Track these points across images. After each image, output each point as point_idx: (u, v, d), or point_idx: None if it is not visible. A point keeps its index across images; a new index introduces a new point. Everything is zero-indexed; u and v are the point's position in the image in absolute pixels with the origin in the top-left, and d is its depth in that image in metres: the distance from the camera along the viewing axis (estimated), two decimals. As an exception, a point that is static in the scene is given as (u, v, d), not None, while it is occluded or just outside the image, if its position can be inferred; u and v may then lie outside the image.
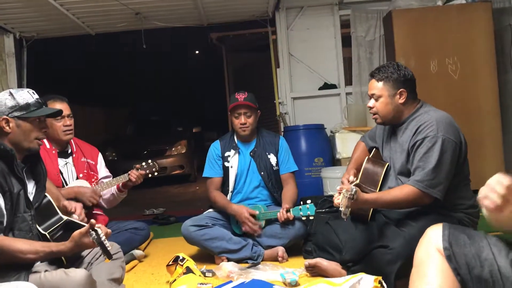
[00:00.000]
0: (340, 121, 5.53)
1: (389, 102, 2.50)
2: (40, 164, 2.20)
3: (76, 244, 1.92)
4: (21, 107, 2.04)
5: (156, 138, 9.25)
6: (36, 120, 2.08)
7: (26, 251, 1.86)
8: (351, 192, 2.13)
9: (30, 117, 2.05)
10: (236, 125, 3.33)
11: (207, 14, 5.58)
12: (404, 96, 2.48)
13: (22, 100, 2.05)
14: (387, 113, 2.52)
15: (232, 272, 2.75)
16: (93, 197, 3.03)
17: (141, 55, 12.39)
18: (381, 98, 2.51)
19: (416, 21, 4.75)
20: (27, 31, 5.70)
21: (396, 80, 2.48)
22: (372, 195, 2.40)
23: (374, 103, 2.54)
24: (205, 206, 3.59)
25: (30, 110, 2.05)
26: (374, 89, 2.53)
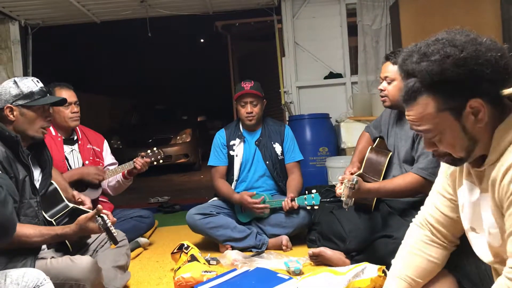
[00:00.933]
0: (345, 110, 5.51)
1: (401, 86, 2.48)
2: (46, 151, 2.21)
3: (81, 228, 1.95)
4: (25, 96, 2.05)
5: (161, 126, 9.27)
6: (40, 109, 2.09)
7: (31, 235, 1.88)
8: (352, 182, 2.14)
9: (34, 106, 2.06)
10: (242, 114, 3.32)
11: (212, 2, 5.55)
12: None
13: (26, 88, 2.06)
14: (398, 97, 2.50)
15: (237, 260, 2.77)
16: (98, 174, 3.04)
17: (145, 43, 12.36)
18: (395, 81, 2.48)
19: (422, 10, 4.70)
20: (32, 18, 5.68)
21: None
22: (375, 184, 2.40)
23: (386, 86, 2.52)
24: (210, 195, 3.61)
25: (34, 98, 2.06)
26: (388, 72, 2.50)
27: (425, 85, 1.24)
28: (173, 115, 10.41)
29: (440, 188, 1.52)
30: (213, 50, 13.20)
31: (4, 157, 1.86)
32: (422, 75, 1.23)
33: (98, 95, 12.22)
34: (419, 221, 1.59)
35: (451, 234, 1.51)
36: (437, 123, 1.25)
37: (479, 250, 1.37)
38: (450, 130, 1.25)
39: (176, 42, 16.09)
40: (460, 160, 1.31)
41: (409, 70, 1.28)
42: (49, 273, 1.78)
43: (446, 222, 1.50)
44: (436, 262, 1.53)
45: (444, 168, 1.51)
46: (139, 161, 3.16)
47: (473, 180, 1.34)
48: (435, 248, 1.53)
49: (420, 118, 1.28)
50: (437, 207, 1.52)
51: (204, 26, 10.53)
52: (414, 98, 1.28)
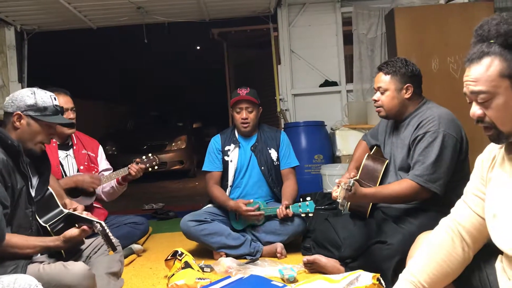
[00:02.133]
0: (340, 118, 5.53)
1: (395, 96, 2.50)
2: (45, 159, 2.21)
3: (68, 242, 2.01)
4: (38, 108, 2.05)
5: (156, 133, 9.26)
6: (47, 125, 2.09)
7: (23, 246, 1.90)
8: (349, 184, 2.14)
9: (43, 121, 2.06)
10: (237, 120, 3.33)
11: (209, 9, 5.57)
12: (410, 91, 2.49)
13: (42, 102, 2.06)
14: (392, 106, 2.52)
15: (231, 267, 2.75)
16: (93, 182, 3.04)
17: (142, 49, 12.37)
18: (388, 91, 2.51)
19: (418, 19, 4.73)
20: (28, 24, 5.68)
21: (403, 74, 2.49)
22: (371, 189, 2.41)
23: (379, 96, 2.54)
24: (204, 202, 3.60)
25: (46, 114, 2.06)
26: (381, 82, 2.53)
27: (497, 47, 1.28)
28: (168, 122, 10.41)
29: (474, 190, 1.51)
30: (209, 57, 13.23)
31: (5, 165, 1.86)
32: (499, 35, 1.28)
33: (93, 101, 12.20)
34: (447, 223, 1.55)
35: (480, 237, 1.48)
36: (494, 86, 1.28)
37: (500, 237, 1.36)
38: (504, 97, 1.28)
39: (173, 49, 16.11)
40: (506, 136, 1.32)
41: (485, 33, 1.31)
42: (42, 279, 1.77)
43: (478, 223, 1.48)
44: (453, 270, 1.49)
45: (478, 173, 1.51)
46: (134, 167, 3.15)
47: (505, 168, 1.36)
48: (456, 255, 1.49)
49: (479, 78, 1.30)
50: (471, 207, 1.50)
51: (200, 33, 10.55)
52: (479, 57, 1.31)
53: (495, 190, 1.39)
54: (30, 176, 2.07)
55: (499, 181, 1.38)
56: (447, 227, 1.54)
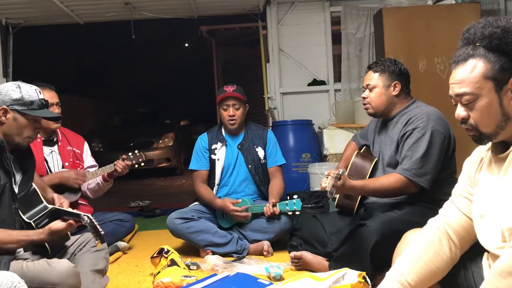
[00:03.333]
0: (328, 117, 5.55)
1: (383, 93, 2.55)
2: (30, 155, 2.18)
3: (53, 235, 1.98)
4: (24, 103, 2.01)
5: (143, 130, 9.21)
6: (33, 119, 2.05)
7: (5, 241, 1.88)
8: (338, 173, 2.17)
9: (29, 115, 2.03)
10: (224, 118, 3.32)
11: (197, 6, 5.54)
12: (398, 88, 2.54)
13: (28, 96, 2.02)
14: (380, 103, 2.56)
15: (217, 265, 2.75)
16: (78, 179, 3.01)
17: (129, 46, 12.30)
18: (376, 88, 2.56)
19: (406, 20, 4.77)
20: (14, 17, 5.60)
21: (392, 72, 2.55)
22: (359, 182, 2.44)
23: (368, 94, 2.60)
24: (191, 199, 3.58)
25: (32, 108, 2.03)
26: (370, 80, 2.59)
27: (482, 49, 1.31)
28: (155, 119, 10.35)
29: (462, 191, 1.53)
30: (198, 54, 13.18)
31: None
32: (483, 37, 1.31)
33: (80, 97, 12.08)
34: (435, 223, 1.56)
35: (467, 237, 1.50)
36: (477, 88, 1.31)
37: (487, 237, 1.38)
38: (487, 98, 1.31)
39: (161, 46, 16.04)
40: (488, 137, 1.35)
41: (471, 36, 1.35)
42: (25, 277, 1.75)
43: (465, 224, 1.50)
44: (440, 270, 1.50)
45: (466, 175, 1.53)
46: (120, 164, 3.13)
47: (492, 170, 1.38)
48: (443, 255, 1.50)
49: (464, 79, 1.33)
50: (459, 208, 1.52)
51: (189, 30, 10.52)
52: (464, 59, 1.34)
53: (483, 191, 1.41)
54: (14, 172, 2.04)
55: (486, 182, 1.40)
56: (435, 227, 1.55)
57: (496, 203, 1.33)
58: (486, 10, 5.10)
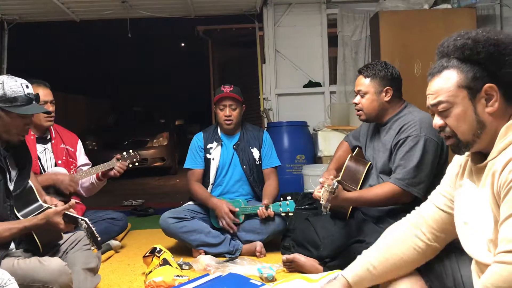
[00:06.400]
0: (323, 119, 5.56)
1: (374, 99, 2.52)
2: (25, 150, 2.15)
3: (48, 220, 1.92)
4: (7, 99, 1.94)
5: (137, 129, 9.16)
6: (19, 116, 1.98)
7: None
8: (333, 186, 2.16)
9: (12, 112, 1.95)
10: (220, 118, 3.31)
11: (194, 6, 5.54)
12: (389, 94, 2.51)
13: (11, 92, 1.94)
14: (372, 109, 2.54)
15: (209, 265, 2.75)
16: (71, 186, 3.00)
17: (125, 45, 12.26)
18: (367, 94, 2.53)
19: (402, 24, 4.78)
20: (9, 13, 5.56)
21: (383, 77, 2.51)
22: (354, 193, 2.43)
23: (359, 99, 2.56)
24: (185, 199, 3.57)
25: (17, 104, 1.94)
26: (361, 85, 2.55)
27: (455, 61, 1.37)
28: (150, 118, 10.31)
29: (442, 191, 1.58)
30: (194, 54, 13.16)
31: None
32: (456, 49, 1.37)
33: (74, 95, 12.04)
34: (410, 217, 1.63)
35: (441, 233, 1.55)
36: (452, 96, 1.36)
37: (470, 246, 1.41)
38: (462, 106, 1.36)
39: (157, 45, 16.00)
40: (465, 145, 1.38)
41: (445, 49, 1.41)
42: (16, 274, 1.74)
43: (440, 219, 1.55)
44: (406, 262, 1.56)
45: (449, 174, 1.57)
46: (119, 167, 3.12)
47: (473, 178, 1.41)
48: (413, 248, 1.56)
49: (439, 90, 1.39)
50: (435, 204, 1.58)
51: (185, 30, 10.49)
52: (439, 71, 1.41)
53: (465, 198, 1.44)
54: (9, 169, 2.02)
55: (468, 190, 1.43)
56: (409, 220, 1.62)
57: (478, 213, 1.36)
58: (482, 16, 5.14)
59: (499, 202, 1.26)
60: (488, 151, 1.35)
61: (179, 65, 17.15)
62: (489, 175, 1.31)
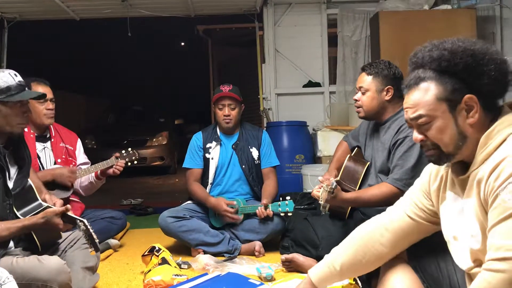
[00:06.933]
0: (322, 119, 5.56)
1: (375, 97, 2.53)
2: (24, 148, 2.14)
3: (47, 219, 1.93)
4: (1, 91, 1.94)
5: (137, 128, 9.18)
6: (17, 104, 1.98)
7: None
8: (332, 186, 2.16)
9: (10, 101, 1.96)
10: (219, 117, 3.31)
11: (194, 5, 5.54)
12: (390, 93, 2.52)
13: (4, 83, 1.95)
14: (372, 107, 2.55)
15: (208, 264, 2.74)
16: (71, 177, 2.99)
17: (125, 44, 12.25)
18: (368, 92, 2.54)
19: (402, 24, 4.79)
20: (9, 12, 5.57)
21: (385, 76, 2.52)
22: (352, 194, 2.43)
23: (360, 96, 2.58)
24: (184, 198, 3.58)
25: (11, 93, 1.95)
26: (363, 83, 2.56)
27: (431, 72, 1.34)
28: (150, 117, 10.32)
29: (414, 198, 1.58)
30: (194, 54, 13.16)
31: None
32: (432, 60, 1.34)
33: (74, 93, 12.03)
34: (377, 218, 1.66)
35: (403, 238, 1.56)
36: (432, 110, 1.33)
37: (459, 258, 1.41)
38: (442, 119, 1.33)
39: (157, 44, 16.00)
40: (447, 156, 1.36)
41: (419, 60, 1.38)
42: (15, 272, 1.74)
43: (405, 225, 1.55)
44: (367, 261, 1.60)
45: (422, 185, 1.56)
46: (119, 166, 3.12)
47: (456, 190, 1.40)
48: (373, 248, 1.59)
49: (417, 103, 1.35)
50: (404, 210, 1.58)
51: (185, 29, 10.50)
52: (417, 83, 1.36)
53: (451, 212, 1.43)
54: (8, 167, 2.02)
55: (453, 203, 1.42)
56: (374, 221, 1.64)
57: (464, 224, 1.36)
58: (482, 16, 5.14)
59: (487, 209, 1.25)
60: (469, 161, 1.34)
61: (179, 64, 17.15)
62: (474, 185, 1.30)
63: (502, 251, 1.17)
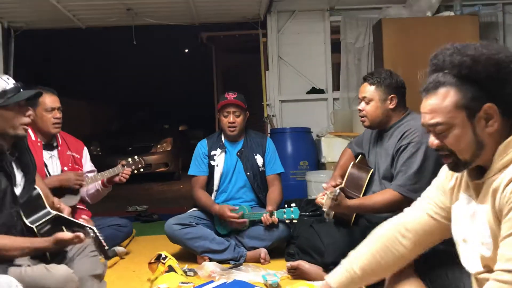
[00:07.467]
0: (326, 125, 5.57)
1: (379, 106, 2.55)
2: (29, 155, 2.17)
3: (60, 246, 1.97)
4: None
5: (142, 134, 9.19)
6: (16, 106, 1.99)
7: (9, 248, 1.85)
8: (335, 193, 2.18)
9: (9, 105, 1.97)
10: (224, 124, 3.34)
11: (198, 13, 5.58)
12: (394, 102, 2.54)
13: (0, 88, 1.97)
14: (376, 116, 2.56)
15: (214, 272, 2.75)
16: (78, 180, 3.01)
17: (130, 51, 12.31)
18: (372, 101, 2.56)
19: (405, 31, 4.80)
20: (15, 21, 5.62)
21: (388, 85, 2.54)
22: (355, 201, 2.44)
23: (364, 106, 2.59)
24: (189, 205, 3.59)
25: (8, 97, 1.95)
26: (366, 92, 2.58)
27: (451, 77, 1.29)
28: (154, 124, 10.35)
29: (433, 196, 1.55)
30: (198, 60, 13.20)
31: None
32: (453, 66, 1.29)
33: (79, 101, 12.07)
34: (395, 219, 1.62)
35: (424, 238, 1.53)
36: (450, 117, 1.29)
37: (468, 261, 1.39)
38: (460, 128, 1.29)
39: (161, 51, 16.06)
40: (464, 164, 1.33)
41: (439, 63, 1.33)
42: (23, 282, 1.75)
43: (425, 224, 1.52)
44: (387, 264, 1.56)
45: (440, 183, 1.53)
46: (125, 174, 3.14)
47: (471, 193, 1.38)
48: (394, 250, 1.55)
49: (435, 109, 1.31)
50: (423, 209, 1.54)
51: (189, 36, 10.56)
52: (435, 87, 1.32)
53: (463, 214, 1.41)
54: (15, 174, 2.04)
55: (466, 206, 1.40)
56: (392, 223, 1.61)
57: (477, 229, 1.34)
58: (485, 23, 5.15)
59: (501, 219, 1.24)
60: (486, 166, 1.32)
61: (183, 71, 17.20)
62: (489, 192, 1.28)
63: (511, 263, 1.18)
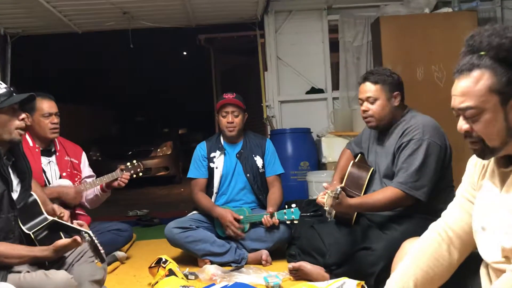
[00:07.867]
0: (326, 125, 5.55)
1: (386, 105, 2.51)
2: (25, 161, 2.16)
3: (58, 253, 1.97)
4: None
5: (141, 138, 9.20)
6: (10, 110, 2.00)
7: (9, 256, 1.86)
8: (336, 192, 2.16)
9: (2, 108, 1.97)
10: (223, 125, 3.32)
11: (195, 16, 5.56)
12: (398, 99, 2.53)
13: None
14: (384, 115, 2.52)
15: (215, 275, 2.74)
16: (76, 198, 3.01)
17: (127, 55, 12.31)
18: (379, 100, 2.51)
19: (403, 28, 4.79)
20: (12, 27, 5.61)
21: (391, 83, 2.52)
22: (356, 199, 2.42)
23: (369, 106, 2.53)
24: (189, 208, 3.57)
25: (1, 101, 1.96)
26: (370, 92, 2.52)
27: (488, 60, 1.24)
28: (154, 127, 10.36)
29: (466, 193, 1.49)
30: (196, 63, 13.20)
31: None
32: (490, 48, 1.23)
33: (78, 106, 12.08)
34: (436, 227, 1.52)
35: (469, 240, 1.45)
36: (482, 102, 1.24)
37: (486, 250, 1.35)
38: (492, 113, 1.24)
39: (159, 54, 16.07)
40: (491, 151, 1.28)
41: (476, 44, 1.27)
42: (22, 288, 1.74)
43: (467, 226, 1.45)
44: (438, 275, 1.47)
45: (470, 178, 1.48)
46: (124, 179, 3.12)
47: (495, 181, 1.34)
48: (442, 259, 1.47)
49: (467, 92, 1.26)
50: (462, 210, 1.48)
51: (186, 39, 10.55)
52: (469, 69, 1.26)
53: (485, 202, 1.37)
54: (12, 179, 2.03)
55: (489, 193, 1.36)
56: (435, 232, 1.51)
57: (498, 218, 1.30)
58: (483, 18, 5.12)
59: None
60: None
61: (182, 74, 17.21)
62: None
63: None
